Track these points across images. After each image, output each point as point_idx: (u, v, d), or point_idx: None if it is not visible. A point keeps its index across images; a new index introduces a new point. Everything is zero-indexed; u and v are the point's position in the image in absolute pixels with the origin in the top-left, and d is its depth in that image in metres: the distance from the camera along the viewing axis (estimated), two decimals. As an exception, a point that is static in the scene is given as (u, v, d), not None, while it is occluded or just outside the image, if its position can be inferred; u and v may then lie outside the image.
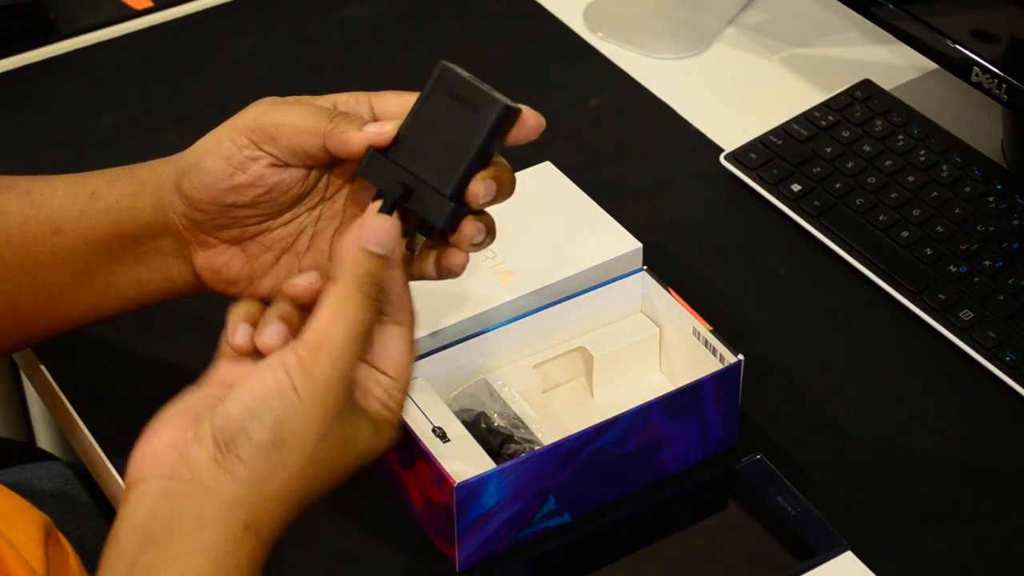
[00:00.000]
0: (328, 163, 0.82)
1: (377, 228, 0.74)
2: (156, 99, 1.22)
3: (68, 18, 1.28)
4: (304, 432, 0.71)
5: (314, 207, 0.84)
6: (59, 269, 0.86)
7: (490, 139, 0.77)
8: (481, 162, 0.77)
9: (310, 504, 0.74)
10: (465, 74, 0.77)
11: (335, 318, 0.72)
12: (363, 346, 0.73)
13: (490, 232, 0.80)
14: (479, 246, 0.80)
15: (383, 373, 0.75)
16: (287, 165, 0.81)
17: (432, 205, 0.77)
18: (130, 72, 1.24)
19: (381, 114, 0.81)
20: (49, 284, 0.87)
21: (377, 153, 0.77)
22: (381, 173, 0.77)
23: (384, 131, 0.78)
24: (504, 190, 0.79)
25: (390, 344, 0.75)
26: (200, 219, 0.83)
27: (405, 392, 0.76)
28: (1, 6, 1.25)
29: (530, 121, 0.78)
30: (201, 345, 1.01)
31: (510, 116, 0.77)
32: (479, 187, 0.77)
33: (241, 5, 1.31)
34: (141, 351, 1.01)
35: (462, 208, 0.77)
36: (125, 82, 1.23)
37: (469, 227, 0.78)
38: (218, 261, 0.84)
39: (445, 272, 0.81)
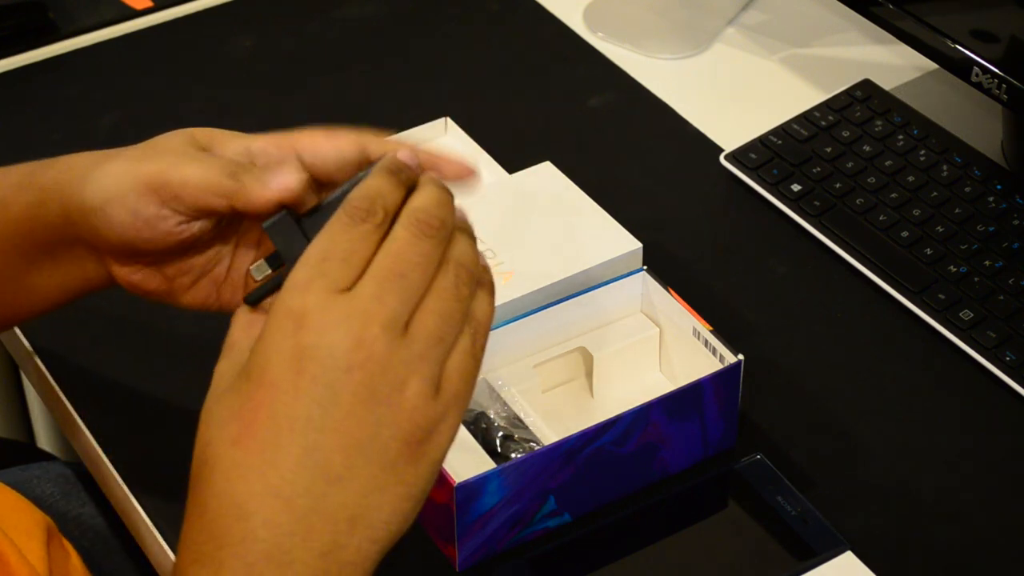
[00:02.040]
0: (240, 216, 0.79)
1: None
2: (156, 99, 1.22)
3: (68, 18, 1.28)
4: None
5: (228, 239, 0.81)
6: None
7: None
8: None
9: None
10: None
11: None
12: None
13: None
14: None
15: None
16: (196, 219, 0.78)
17: None
18: (130, 72, 1.24)
19: (311, 162, 0.76)
20: None
21: (288, 216, 0.72)
22: (284, 236, 0.72)
23: (291, 187, 0.73)
24: None
25: None
26: (108, 248, 0.80)
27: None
28: (1, 6, 1.25)
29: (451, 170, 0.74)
30: (201, 345, 1.01)
31: None
32: None
33: (241, 5, 1.31)
34: (141, 351, 1.01)
35: None
36: (125, 82, 1.23)
37: None
38: (134, 278, 0.82)
39: None
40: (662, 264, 1.02)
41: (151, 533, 0.91)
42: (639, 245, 0.97)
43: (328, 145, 0.77)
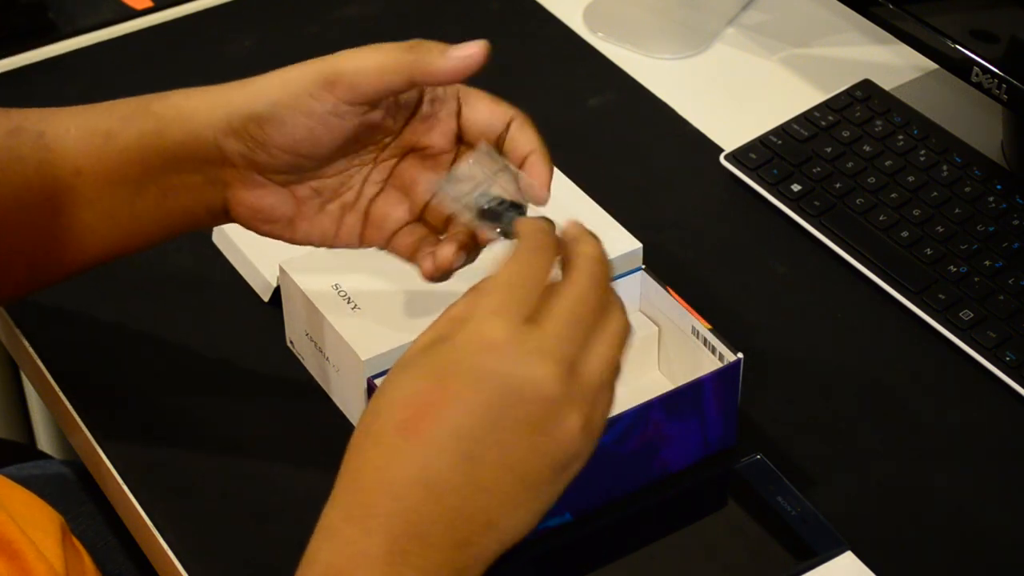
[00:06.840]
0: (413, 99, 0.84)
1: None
2: (156, 99, 1.22)
3: (68, 18, 1.28)
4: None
5: (365, 165, 0.85)
6: (82, 208, 0.85)
7: None
8: None
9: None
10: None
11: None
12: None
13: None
14: None
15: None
16: (372, 108, 0.81)
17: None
18: (130, 72, 1.24)
19: (468, 117, 0.84)
20: (73, 225, 0.86)
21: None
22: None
23: (474, 55, 0.79)
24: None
25: None
26: (264, 161, 0.83)
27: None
28: (1, 6, 1.25)
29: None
30: (202, 344, 1.01)
31: None
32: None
33: (241, 5, 1.31)
34: (141, 351, 1.01)
35: None
36: (125, 82, 1.23)
37: None
38: (264, 202, 0.84)
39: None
40: (662, 264, 1.02)
41: (151, 533, 0.91)
42: (639, 245, 0.97)
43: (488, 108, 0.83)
